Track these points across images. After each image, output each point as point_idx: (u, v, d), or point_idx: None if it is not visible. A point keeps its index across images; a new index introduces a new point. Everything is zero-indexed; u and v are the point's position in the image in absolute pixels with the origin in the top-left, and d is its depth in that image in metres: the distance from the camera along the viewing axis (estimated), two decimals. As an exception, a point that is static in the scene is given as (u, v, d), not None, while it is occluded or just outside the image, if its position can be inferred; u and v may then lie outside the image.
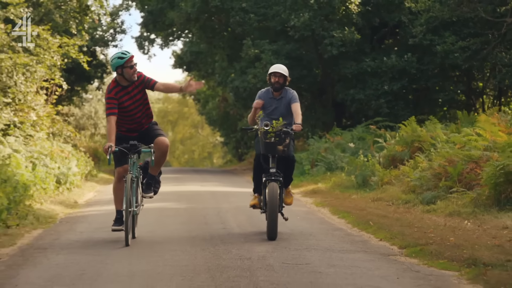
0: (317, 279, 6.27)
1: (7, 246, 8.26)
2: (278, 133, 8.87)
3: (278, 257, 7.37)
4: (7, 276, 6.55)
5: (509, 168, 10.93)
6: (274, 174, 8.86)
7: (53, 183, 13.79)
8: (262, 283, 6.07)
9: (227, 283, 6.05)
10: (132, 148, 8.48)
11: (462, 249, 7.69)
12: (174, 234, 9.22)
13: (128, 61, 8.52)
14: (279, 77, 9.28)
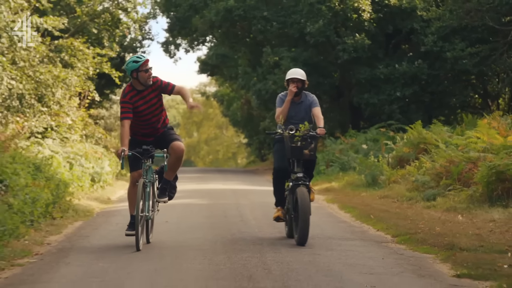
0: (315, 259, 7.59)
1: (54, 234, 9.69)
2: (304, 137, 8.86)
3: (285, 243, 8.71)
4: (59, 256, 7.96)
5: (500, 168, 12.17)
6: (302, 179, 8.86)
7: (88, 181, 15.28)
8: (269, 261, 7.42)
9: (241, 261, 7.40)
10: (145, 152, 8.47)
11: (444, 237, 8.97)
12: (197, 225, 10.60)
13: (143, 65, 8.49)
14: (297, 82, 9.22)
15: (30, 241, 8.81)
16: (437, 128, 16.81)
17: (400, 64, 23.84)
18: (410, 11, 23.46)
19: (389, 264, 7.43)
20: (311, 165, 9.15)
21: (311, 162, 9.11)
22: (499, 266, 7.09)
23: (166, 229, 10.02)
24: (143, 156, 8.44)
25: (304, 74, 9.33)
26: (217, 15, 25.06)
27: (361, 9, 23.74)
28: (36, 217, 9.93)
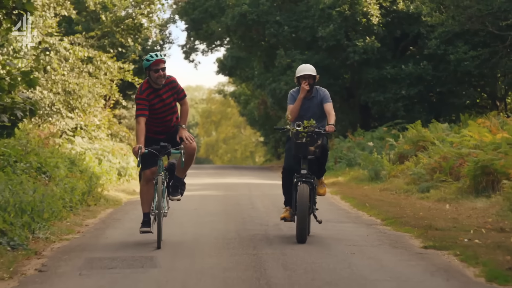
0: (311, 237, 9.17)
1: (91, 218, 11.36)
2: (310, 133, 8.82)
3: (288, 225, 10.29)
4: (97, 234, 9.61)
5: (485, 162, 13.68)
6: (305, 176, 8.84)
7: (116, 175, 16.99)
8: (271, 237, 9.03)
9: (248, 237, 9.00)
10: (162, 149, 8.41)
11: (424, 220, 10.54)
12: (213, 211, 12.23)
13: (154, 64, 8.41)
14: (308, 78, 9.19)
15: (71, 223, 10.48)
16: (435, 127, 18.33)
17: (407, 65, 25.35)
18: (417, 16, 24.93)
19: (371, 239, 9.01)
20: (322, 160, 9.17)
21: (322, 157, 9.11)
22: (460, 240, 8.66)
23: (187, 214, 11.65)
24: (160, 153, 8.39)
25: (314, 69, 9.27)
26: (232, 19, 26.70)
27: (370, 14, 25.26)
28: (74, 203, 11.60)
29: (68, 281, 6.49)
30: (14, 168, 10.55)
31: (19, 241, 7.93)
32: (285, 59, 25.93)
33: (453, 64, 24.08)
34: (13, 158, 10.83)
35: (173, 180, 8.85)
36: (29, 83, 9.71)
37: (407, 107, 25.59)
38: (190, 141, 8.52)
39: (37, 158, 11.71)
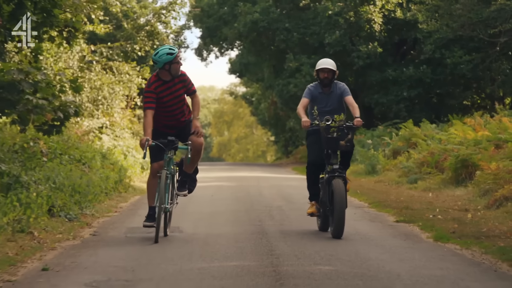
0: (305, 213, 11.31)
1: (123, 202, 13.57)
2: (341, 127, 8.88)
3: (289, 207, 12.47)
4: (131, 213, 11.80)
5: (464, 157, 15.79)
6: (338, 170, 8.91)
7: (139, 169, 19.22)
8: (274, 214, 11.20)
9: (255, 214, 11.17)
10: (169, 144, 8.50)
11: (403, 203, 12.68)
12: (227, 197, 14.42)
13: (177, 57, 8.56)
14: (327, 72, 9.25)
15: (108, 205, 12.69)
16: (425, 126, 20.47)
17: (407, 68, 27.47)
18: (414, 23, 27.05)
19: (356, 216, 11.17)
20: (348, 155, 9.20)
21: (347, 152, 9.15)
22: (426, 216, 10.81)
23: (205, 199, 13.85)
24: (167, 147, 8.48)
25: (334, 64, 9.36)
26: (244, 26, 28.91)
27: (373, 21, 27.39)
28: (109, 190, 13.82)
29: (118, 240, 8.69)
30: (61, 159, 12.77)
31: (73, 215, 10.15)
32: (294, 63, 28.12)
33: (449, 68, 26.17)
34: (58, 151, 13.06)
35: (181, 176, 8.97)
36: (76, 89, 11.96)
37: (408, 108, 27.70)
38: (199, 134, 8.59)
39: (77, 151, 13.96)
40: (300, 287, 5.74)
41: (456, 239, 8.49)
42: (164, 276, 6.24)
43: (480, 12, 23.23)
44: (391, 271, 6.44)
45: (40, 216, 9.06)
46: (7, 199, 8.91)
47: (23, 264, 6.83)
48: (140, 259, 7.16)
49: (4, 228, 7.98)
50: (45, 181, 10.28)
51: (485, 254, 7.43)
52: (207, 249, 7.77)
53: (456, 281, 6.00)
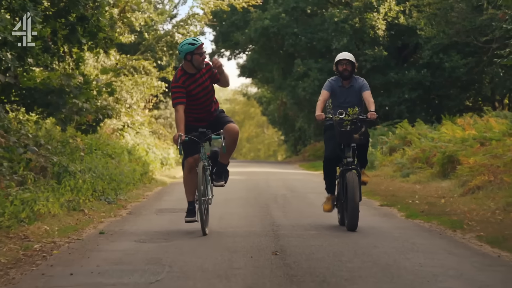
0: (305, 199, 13.52)
1: (148, 191, 15.81)
2: (354, 121, 8.96)
3: (291, 195, 14.67)
4: (157, 199, 14.02)
5: (450, 153, 17.93)
6: (351, 163, 9.03)
7: (159, 164, 21.48)
8: (278, 200, 13.40)
9: (262, 200, 13.37)
10: (202, 135, 8.52)
11: (391, 192, 14.85)
12: (238, 187, 16.63)
13: (199, 48, 8.50)
14: (346, 64, 9.23)
15: (136, 193, 14.93)
16: (420, 125, 22.65)
17: (409, 71, 29.63)
18: (415, 29, 29.22)
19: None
20: (363, 150, 9.33)
21: (363, 147, 9.27)
22: (407, 201, 12.98)
23: (218, 189, 16.06)
24: (200, 139, 8.54)
25: (353, 57, 9.37)
26: (255, 32, 31.17)
27: (376, 27, 29.56)
28: (135, 181, 16.07)
29: (151, 216, 10.92)
30: (95, 154, 15.03)
31: (111, 199, 12.40)
32: (302, 67, 30.36)
33: (447, 71, 28.32)
34: (93, 147, 15.32)
35: (216, 167, 9.02)
36: (110, 92, 14.21)
37: (409, 109, 29.85)
38: (217, 63, 8.58)
39: (109, 147, 16.23)
40: (292, 241, 7.94)
41: (423, 216, 10.67)
42: (192, 237, 8.44)
43: (473, 20, 25.36)
44: (363, 233, 8.62)
45: (87, 199, 11.32)
46: (61, 184, 11.16)
47: (83, 231, 9.06)
48: (170, 228, 9.37)
49: (63, 207, 10.23)
50: (87, 171, 12.53)
51: (439, 225, 9.62)
52: (223, 222, 10.00)
53: (407, 239, 8.18)
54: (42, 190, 10.01)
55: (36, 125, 13.20)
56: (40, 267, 6.41)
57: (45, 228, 8.54)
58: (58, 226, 8.93)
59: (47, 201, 9.58)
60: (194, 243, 7.90)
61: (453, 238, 8.47)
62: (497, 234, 8.33)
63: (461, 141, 18.77)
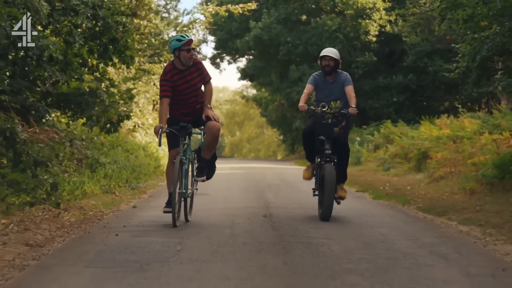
0: (294, 187, 16.37)
1: (161, 182, 18.65)
2: (335, 114, 9.37)
3: (284, 184, 17.52)
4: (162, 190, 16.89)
5: (425, 149, 20.78)
6: (330, 156, 9.46)
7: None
8: (272, 188, 16.26)
9: (258, 188, 16.21)
10: (182, 129, 8.77)
11: (369, 183, 17.71)
12: (238, 179, 19.49)
13: (186, 44, 8.74)
14: (329, 60, 9.60)
15: (151, 183, 17.80)
16: (402, 125, 25.57)
17: (396, 76, 32.54)
18: (401, 37, 32.16)
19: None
20: (343, 165, 9.92)
21: (343, 153, 9.79)
22: (378, 188, 15.82)
23: (222, 180, 18.96)
24: (180, 133, 8.78)
25: (337, 53, 9.73)
26: (252, 40, 34.11)
27: (369, 33, 32.46)
28: (150, 173, 18.95)
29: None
30: (117, 150, 17.90)
31: (134, 185, 15.29)
32: (297, 73, 33.26)
33: (431, 75, 31.24)
34: (115, 144, 18.19)
35: (198, 162, 9.31)
36: (130, 97, 17.09)
37: (397, 111, 32.77)
38: (215, 120, 8.92)
39: (127, 144, 19.12)
40: (278, 211, 10.80)
41: (386, 198, 13.56)
42: (203, 210, 11.30)
43: (452, 28, 28.21)
44: (336, 209, 11.49)
45: (117, 184, 14.23)
46: (95, 173, 14.05)
47: (119, 206, 11.91)
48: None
49: (101, 190, 13.13)
50: (113, 163, 15.41)
51: (395, 203, 12.51)
52: (226, 201, 12.88)
53: (366, 210, 11.06)
54: (83, 177, 12.90)
55: (67, 126, 16.08)
56: (100, 223, 9.29)
57: (92, 203, 11.41)
58: (100, 202, 11.80)
59: (89, 184, 12.49)
60: (206, 212, 10.77)
61: (399, 209, 11.37)
62: (430, 206, 11.24)
63: (436, 139, 21.62)
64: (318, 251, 6.92)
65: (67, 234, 8.30)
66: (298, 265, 6.22)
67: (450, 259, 6.60)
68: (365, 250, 7.01)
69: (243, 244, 7.35)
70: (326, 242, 7.52)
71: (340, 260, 6.46)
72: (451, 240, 7.85)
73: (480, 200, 11.27)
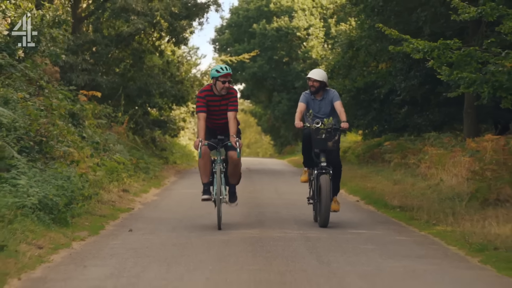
0: (268, 167, 32.27)
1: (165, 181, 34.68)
2: (328, 130, 10.26)
3: (262, 166, 33.43)
4: (183, 178, 32.93)
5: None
6: (325, 168, 10.34)
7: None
8: (254, 167, 32.31)
9: (249, 173, 32.16)
10: (219, 142, 9.93)
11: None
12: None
13: (223, 76, 9.86)
14: (314, 81, 10.61)
15: (164, 175, 33.73)
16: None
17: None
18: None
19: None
20: (336, 174, 10.75)
21: (336, 171, 10.70)
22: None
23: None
24: (218, 145, 10.00)
25: (322, 74, 10.71)
26: (248, 75, 50.31)
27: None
28: (191, 165, 35.14)
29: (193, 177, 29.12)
30: (178, 146, 33.81)
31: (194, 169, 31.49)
32: (278, 97, 49.45)
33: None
34: (175, 144, 34.12)
35: (229, 188, 10.48)
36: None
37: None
38: (236, 147, 9.89)
39: (179, 145, 35.26)
40: (255, 173, 26.75)
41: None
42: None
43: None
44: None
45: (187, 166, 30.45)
46: (169, 160, 30.11)
47: (146, 193, 26.44)
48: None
49: (155, 179, 29.29)
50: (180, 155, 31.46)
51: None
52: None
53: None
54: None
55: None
56: (151, 193, 25.18)
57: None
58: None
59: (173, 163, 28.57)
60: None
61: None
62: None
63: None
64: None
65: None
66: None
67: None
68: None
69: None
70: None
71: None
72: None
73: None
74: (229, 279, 6.81)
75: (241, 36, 51.36)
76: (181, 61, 29.56)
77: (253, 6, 50.90)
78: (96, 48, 24.31)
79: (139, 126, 26.01)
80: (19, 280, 6.61)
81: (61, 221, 9.57)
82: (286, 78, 49.80)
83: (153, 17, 24.46)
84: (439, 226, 10.98)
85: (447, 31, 20.96)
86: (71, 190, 10.26)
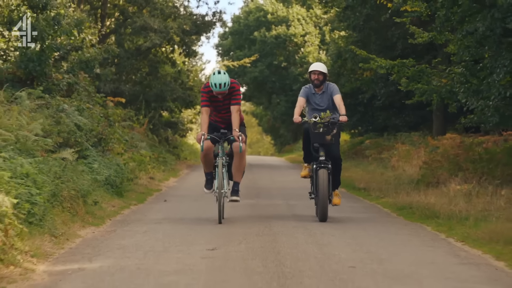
0: (267, 162, 36.77)
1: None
2: (326, 123, 10.34)
3: (262, 162, 37.99)
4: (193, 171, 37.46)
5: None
6: (324, 162, 10.51)
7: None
8: (254, 163, 36.84)
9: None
10: (222, 136, 10.15)
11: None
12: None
13: (219, 93, 10.21)
14: (318, 74, 10.68)
15: (178, 168, 38.21)
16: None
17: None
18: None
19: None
20: (337, 168, 10.97)
21: (336, 165, 10.91)
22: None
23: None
24: (220, 139, 10.24)
25: (324, 67, 10.82)
26: (250, 79, 54.79)
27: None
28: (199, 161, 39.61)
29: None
30: (186, 145, 38.30)
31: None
32: (276, 99, 53.93)
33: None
34: (183, 142, 38.64)
35: (232, 185, 10.62)
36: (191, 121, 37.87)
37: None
38: (240, 140, 9.95)
39: (187, 143, 39.77)
40: (254, 167, 31.25)
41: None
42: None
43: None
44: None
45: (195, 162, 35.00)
46: (180, 158, 34.62)
47: (167, 180, 32.01)
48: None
49: (175, 170, 33.78)
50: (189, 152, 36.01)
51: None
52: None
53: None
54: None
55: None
56: (170, 181, 29.70)
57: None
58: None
59: (184, 159, 33.11)
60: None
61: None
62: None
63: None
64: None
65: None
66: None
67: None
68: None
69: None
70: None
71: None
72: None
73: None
74: (238, 222, 10.99)
75: (242, 43, 56.00)
76: (190, 69, 33.99)
77: (252, 18, 55.53)
78: (118, 60, 28.72)
79: (155, 127, 30.48)
80: (110, 220, 11.46)
81: (118, 194, 14.01)
82: (285, 82, 54.37)
83: (168, 34, 28.87)
84: (384, 198, 15.33)
85: (418, 46, 25.04)
86: (121, 173, 14.71)
